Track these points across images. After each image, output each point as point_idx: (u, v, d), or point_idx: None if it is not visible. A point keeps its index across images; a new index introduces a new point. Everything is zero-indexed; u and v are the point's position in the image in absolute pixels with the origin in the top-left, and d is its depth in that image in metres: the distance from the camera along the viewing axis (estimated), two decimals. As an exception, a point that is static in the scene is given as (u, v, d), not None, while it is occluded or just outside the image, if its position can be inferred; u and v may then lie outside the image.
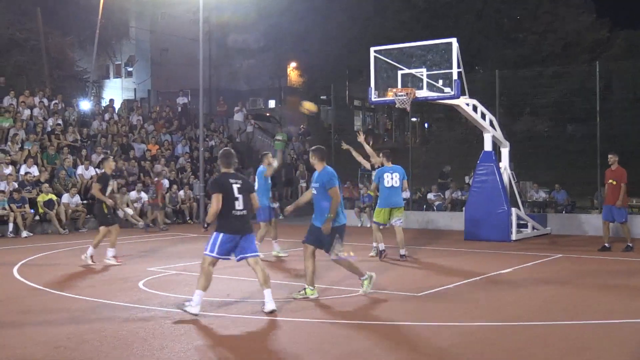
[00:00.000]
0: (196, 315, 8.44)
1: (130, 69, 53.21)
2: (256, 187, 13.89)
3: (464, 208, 19.72)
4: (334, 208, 9.47)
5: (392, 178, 13.94)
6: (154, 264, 13.55)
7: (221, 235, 8.62)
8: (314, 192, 9.78)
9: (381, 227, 14.15)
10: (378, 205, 14.11)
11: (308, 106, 13.61)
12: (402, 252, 14.06)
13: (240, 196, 8.68)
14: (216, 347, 7.28)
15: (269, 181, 14.66)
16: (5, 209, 19.75)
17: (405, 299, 9.94)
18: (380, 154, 14.60)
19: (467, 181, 24.07)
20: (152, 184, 23.84)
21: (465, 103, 17.44)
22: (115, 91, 48.58)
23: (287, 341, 7.55)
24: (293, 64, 49.40)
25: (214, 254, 8.63)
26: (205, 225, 8.83)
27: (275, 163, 14.68)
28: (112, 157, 14.59)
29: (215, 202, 8.54)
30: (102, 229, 13.58)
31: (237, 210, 8.64)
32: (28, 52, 36.53)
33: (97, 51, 36.30)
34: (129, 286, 11.14)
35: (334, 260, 9.78)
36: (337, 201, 9.52)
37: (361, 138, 15.42)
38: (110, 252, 13.47)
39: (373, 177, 14.28)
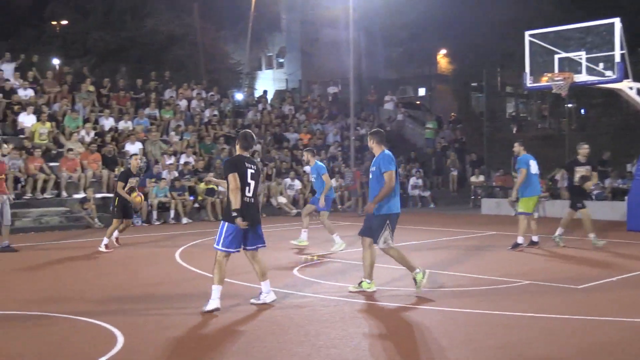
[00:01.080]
0: (216, 309, 8.26)
1: (281, 60, 54.36)
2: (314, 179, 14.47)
3: (626, 197, 18.73)
4: (383, 192, 8.94)
5: (535, 165, 13.52)
6: (307, 251, 13.76)
7: (226, 225, 8.29)
8: (370, 176, 9.36)
9: (529, 216, 13.75)
10: (527, 194, 13.54)
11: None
12: (535, 238, 13.97)
13: (252, 182, 8.38)
14: (370, 334, 7.27)
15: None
16: (167, 197, 20.73)
17: (564, 291, 9.54)
18: (516, 144, 13.95)
19: (629, 169, 22.86)
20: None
21: (628, 87, 16.56)
22: (267, 82, 49.78)
23: (440, 332, 7.42)
24: (443, 51, 48.68)
25: (222, 248, 8.34)
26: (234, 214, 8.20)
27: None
28: (138, 155, 15.57)
29: (234, 182, 8.13)
30: (114, 221, 14.34)
31: (247, 196, 8.30)
32: (186, 47, 38.23)
33: (250, 44, 37.32)
34: (283, 273, 11.37)
35: (382, 250, 9.27)
36: (389, 186, 8.98)
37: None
38: (105, 240, 14.13)
39: (517, 165, 13.74)
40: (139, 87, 27.14)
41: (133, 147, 22.39)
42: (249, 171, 8.35)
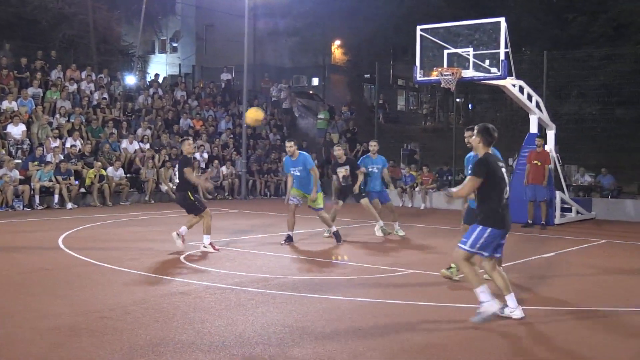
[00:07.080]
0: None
1: (175, 45, 53.50)
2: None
3: (506, 190, 19.46)
4: None
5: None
6: (195, 239, 13.63)
7: (489, 230, 7.33)
8: None
9: None
10: None
11: (253, 115, 13.66)
12: None
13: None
14: (255, 322, 7.28)
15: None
16: (52, 181, 20.07)
17: (443, 279, 9.85)
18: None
19: (510, 163, 23.74)
20: None
21: (511, 84, 17.18)
22: (160, 66, 48.84)
23: (325, 319, 7.52)
24: (337, 42, 49.09)
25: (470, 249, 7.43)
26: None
27: None
28: (189, 138, 13.23)
29: (472, 186, 7.38)
30: (196, 217, 12.54)
31: (504, 198, 7.45)
32: (76, 26, 36.90)
33: (143, 26, 36.52)
34: (170, 260, 11.26)
35: None
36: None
37: None
38: (207, 239, 12.36)
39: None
40: (23, 67, 26.07)
41: (16, 129, 21.52)
42: (503, 170, 7.49)
